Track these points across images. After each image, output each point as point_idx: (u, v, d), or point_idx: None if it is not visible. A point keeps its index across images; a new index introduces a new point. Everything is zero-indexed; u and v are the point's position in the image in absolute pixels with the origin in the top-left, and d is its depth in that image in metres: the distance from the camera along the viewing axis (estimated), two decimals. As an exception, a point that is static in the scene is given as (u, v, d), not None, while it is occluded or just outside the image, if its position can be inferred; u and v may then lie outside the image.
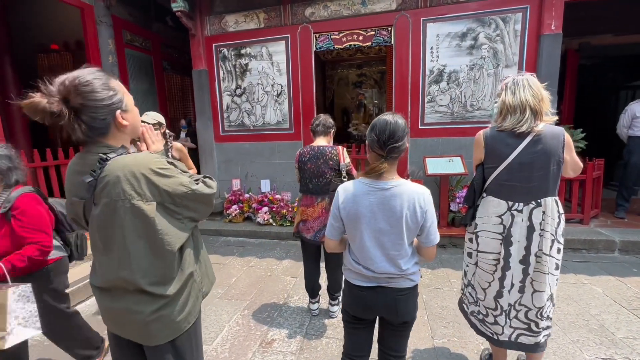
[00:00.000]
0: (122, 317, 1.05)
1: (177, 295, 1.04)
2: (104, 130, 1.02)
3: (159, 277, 1.01)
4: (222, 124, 4.97)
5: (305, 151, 2.36)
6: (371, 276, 1.31)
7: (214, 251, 4.04)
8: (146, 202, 0.96)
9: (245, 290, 3.02)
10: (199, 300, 1.16)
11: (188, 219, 1.09)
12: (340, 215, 1.32)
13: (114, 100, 1.00)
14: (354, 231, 1.31)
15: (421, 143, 4.24)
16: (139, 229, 0.97)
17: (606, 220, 4.15)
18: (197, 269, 1.16)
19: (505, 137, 1.53)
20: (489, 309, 1.66)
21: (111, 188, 0.94)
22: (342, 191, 1.32)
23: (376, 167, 1.23)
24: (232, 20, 4.64)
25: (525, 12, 3.74)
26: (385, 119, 1.25)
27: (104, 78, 0.99)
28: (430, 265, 3.37)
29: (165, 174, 1.00)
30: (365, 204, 1.26)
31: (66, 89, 0.92)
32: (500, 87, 1.62)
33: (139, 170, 0.96)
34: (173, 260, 1.02)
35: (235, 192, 4.90)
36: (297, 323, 2.48)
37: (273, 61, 4.60)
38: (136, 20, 5.29)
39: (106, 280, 1.02)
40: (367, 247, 1.28)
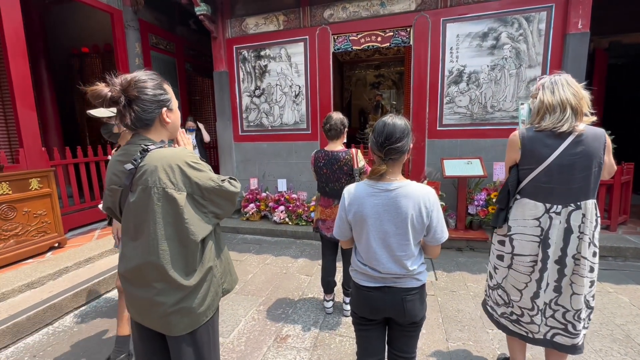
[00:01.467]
0: (146, 307, 1.12)
1: (197, 287, 1.10)
2: (149, 123, 1.13)
3: (182, 265, 1.08)
4: (241, 124, 5.09)
5: (320, 156, 2.38)
6: (377, 276, 1.31)
7: (232, 248, 4.15)
8: (178, 191, 1.05)
9: (261, 286, 3.09)
10: (219, 295, 1.22)
11: (212, 213, 1.16)
12: (347, 217, 1.34)
13: (162, 98, 1.14)
14: (360, 232, 1.33)
15: (439, 144, 4.19)
16: (169, 216, 1.05)
17: (635, 227, 3.96)
18: (218, 264, 1.22)
19: (544, 137, 1.48)
20: (525, 309, 1.61)
21: (149, 176, 1.03)
22: (347, 194, 1.34)
23: (375, 169, 1.25)
24: (253, 22, 4.75)
25: (550, 11, 3.63)
26: (384, 120, 1.26)
27: (158, 80, 1.15)
28: (447, 268, 3.32)
29: (197, 168, 1.10)
30: (370, 205, 1.27)
31: (127, 82, 1.07)
32: (536, 87, 1.59)
33: (174, 161, 1.05)
34: (196, 250, 1.09)
35: (252, 191, 5.00)
36: (312, 320, 2.52)
37: (292, 62, 4.67)
38: (161, 24, 5.51)
39: (134, 266, 1.09)
40: (373, 248, 1.29)
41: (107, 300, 2.92)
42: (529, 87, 3.82)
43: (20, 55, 3.38)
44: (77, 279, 2.97)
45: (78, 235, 4.02)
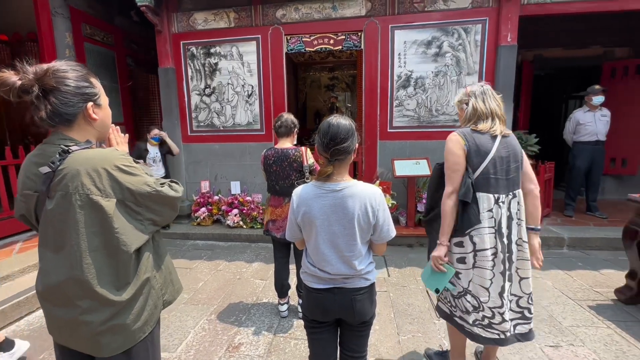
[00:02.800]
0: (70, 328, 0.99)
1: (131, 302, 1.00)
2: (70, 118, 1.00)
3: (112, 279, 0.97)
4: (190, 124, 4.82)
5: (270, 153, 2.36)
6: (327, 278, 1.31)
7: (181, 255, 3.90)
8: (105, 198, 0.94)
9: (213, 294, 2.94)
10: (158, 308, 1.12)
11: (149, 221, 1.06)
12: (296, 219, 1.33)
13: (88, 92, 1.02)
14: (309, 234, 1.33)
15: (390, 146, 4.37)
16: (95, 225, 0.94)
17: (557, 218, 4.49)
18: (157, 275, 1.12)
19: (481, 135, 1.61)
20: (495, 308, 1.60)
21: (69, 181, 0.91)
22: (295, 196, 1.33)
23: (322, 171, 1.25)
24: (201, 18, 4.53)
25: (484, 24, 3.98)
26: (328, 121, 1.26)
27: (83, 72, 1.03)
28: (398, 264, 3.47)
29: (129, 172, 0.99)
30: (318, 207, 1.26)
31: (43, 70, 0.94)
32: (465, 93, 1.70)
33: (101, 165, 0.94)
34: (128, 262, 0.98)
35: (204, 194, 4.76)
36: (266, 325, 2.46)
37: (244, 61, 4.54)
38: (97, 14, 5.02)
39: (55, 283, 0.95)
40: (322, 250, 1.29)
41: (29, 323, 2.57)
42: (468, 93, 4.14)
43: None
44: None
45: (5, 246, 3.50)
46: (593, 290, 2.84)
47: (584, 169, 4.47)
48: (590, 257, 3.57)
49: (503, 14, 3.87)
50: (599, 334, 2.25)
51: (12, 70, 0.92)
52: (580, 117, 4.45)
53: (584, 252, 3.71)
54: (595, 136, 4.38)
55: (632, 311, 2.50)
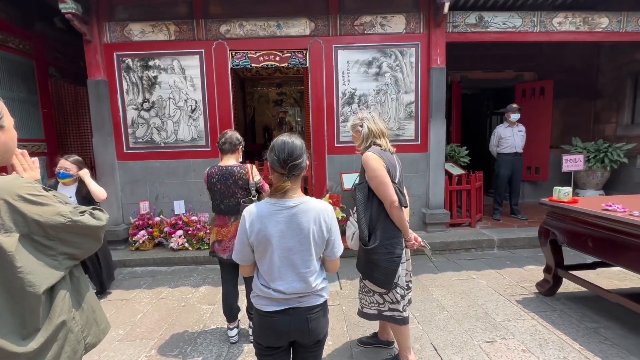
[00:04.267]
0: None
1: (42, 351, 0.87)
2: None
3: (15, 327, 0.83)
4: (126, 141, 4.45)
5: (214, 171, 2.28)
6: (281, 298, 1.28)
7: (116, 286, 3.51)
8: (4, 234, 0.81)
9: (153, 326, 2.68)
10: (78, 354, 0.99)
11: (64, 255, 0.94)
12: (249, 239, 1.28)
13: None
14: (263, 253, 1.29)
15: (338, 160, 4.50)
16: None
17: (487, 222, 4.98)
18: (77, 316, 0.99)
19: (386, 152, 1.93)
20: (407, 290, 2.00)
21: None
22: (247, 215, 1.29)
23: (280, 186, 1.26)
24: (138, 29, 4.28)
25: (417, 48, 4.37)
26: (283, 139, 1.30)
27: None
28: (350, 275, 3.53)
29: (36, 201, 0.87)
30: (273, 224, 1.26)
31: None
32: (357, 117, 2.03)
33: (0, 195, 0.80)
34: (37, 305, 0.86)
35: (143, 216, 4.39)
36: (214, 355, 2.30)
37: (186, 75, 4.37)
38: (11, 18, 4.47)
39: None
40: (277, 268, 1.27)
41: None
42: (407, 109, 4.48)
43: None
44: None
45: None
46: (519, 286, 3.17)
47: (507, 176, 5.06)
48: (516, 256, 4.00)
49: (432, 40, 4.29)
50: (526, 325, 2.50)
51: None
52: (501, 132, 5.06)
53: (511, 252, 4.15)
54: (514, 148, 4.99)
55: (550, 301, 2.84)
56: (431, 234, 4.42)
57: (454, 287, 3.18)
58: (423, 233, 4.46)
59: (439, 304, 2.88)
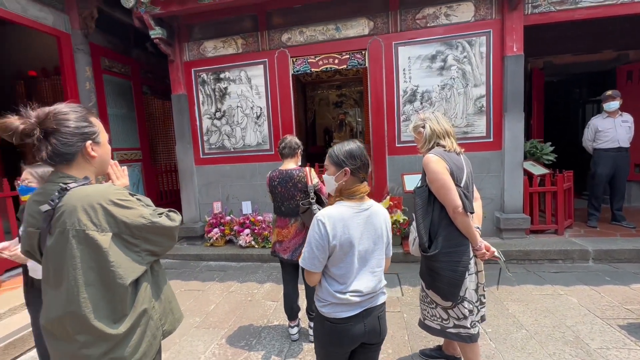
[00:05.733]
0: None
1: (128, 335, 1.01)
2: (70, 157, 1.04)
3: (108, 312, 0.98)
4: (202, 147, 4.96)
5: (275, 175, 2.39)
6: (358, 301, 1.30)
7: (194, 277, 3.93)
8: (101, 233, 0.96)
9: (224, 317, 2.93)
10: (157, 339, 1.12)
11: (147, 252, 1.08)
12: (330, 244, 1.26)
13: (87, 131, 1.06)
14: (343, 257, 1.29)
15: (399, 160, 4.33)
16: (91, 260, 0.96)
17: (580, 229, 4.27)
18: (156, 306, 1.12)
19: (451, 153, 1.80)
20: (475, 303, 1.81)
21: (67, 217, 0.94)
22: (326, 219, 1.26)
23: (360, 189, 1.32)
24: (211, 46, 4.74)
25: (488, 36, 3.97)
26: (357, 145, 1.37)
27: (82, 112, 1.06)
28: (412, 282, 3.36)
29: (124, 205, 1.01)
30: (354, 226, 1.29)
31: (44, 114, 0.99)
32: (418, 118, 1.92)
33: (97, 200, 0.97)
34: (125, 295, 1.00)
35: (216, 215, 4.83)
36: (276, 350, 2.41)
37: (252, 84, 4.68)
38: (115, 47, 5.33)
39: (54, 318, 0.98)
40: (356, 269, 1.31)
41: None
42: (477, 103, 4.10)
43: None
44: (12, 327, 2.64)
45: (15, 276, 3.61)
46: (623, 308, 2.65)
47: (606, 176, 4.27)
48: (619, 271, 3.35)
49: (507, 25, 3.85)
50: (632, 357, 2.08)
51: (15, 115, 0.97)
52: (599, 124, 4.29)
53: (612, 266, 3.49)
54: (616, 142, 4.19)
55: (668, 331, 2.31)
56: (507, 240, 3.96)
57: (535, 303, 2.80)
58: (497, 240, 4.03)
59: (515, 321, 2.56)
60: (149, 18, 4.25)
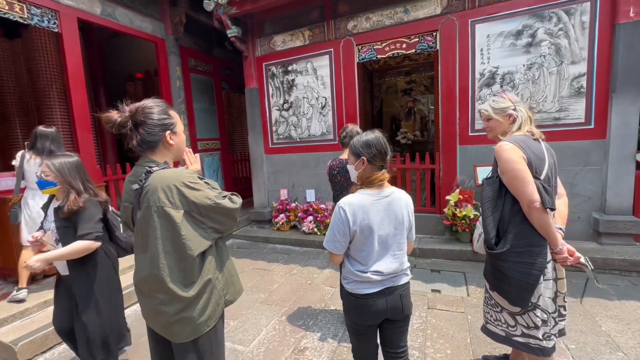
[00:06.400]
0: (153, 315, 1.21)
1: (196, 298, 1.17)
2: (153, 145, 1.23)
3: (181, 278, 1.15)
4: (271, 137, 5.28)
5: (335, 164, 2.42)
6: (380, 280, 1.41)
7: (262, 257, 4.27)
8: (175, 210, 1.13)
9: (285, 296, 3.13)
10: (220, 306, 1.27)
11: (212, 229, 1.23)
12: (350, 229, 1.38)
13: (167, 122, 1.24)
14: (364, 241, 1.40)
15: (472, 151, 3.97)
16: (168, 232, 1.13)
17: None
18: (219, 277, 1.27)
19: (531, 140, 1.58)
20: (552, 314, 1.59)
21: (150, 195, 1.13)
22: (346, 206, 1.38)
23: (379, 177, 1.40)
24: (280, 40, 4.95)
25: (594, 2, 3.31)
26: (375, 136, 1.44)
27: (163, 106, 1.26)
28: (481, 283, 3.10)
29: (194, 187, 1.16)
30: (374, 213, 1.38)
31: (135, 108, 1.19)
32: (508, 100, 1.66)
33: (172, 182, 1.14)
34: (193, 264, 1.15)
35: (282, 201, 5.12)
36: (331, 333, 2.49)
37: (317, 75, 4.77)
38: (199, 48, 5.96)
39: (142, 278, 1.19)
40: (376, 252, 1.41)
41: (146, 304, 3.15)
42: (574, 84, 3.49)
43: (79, 86, 3.88)
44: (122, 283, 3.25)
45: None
46: None
47: None
48: None
49: (621, -15, 3.15)
50: None
51: (115, 110, 1.18)
52: None
53: None
54: None
55: None
56: (607, 247, 3.34)
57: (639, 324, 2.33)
58: (593, 245, 3.43)
59: (609, 341, 2.18)
60: (226, 18, 4.63)
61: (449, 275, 3.37)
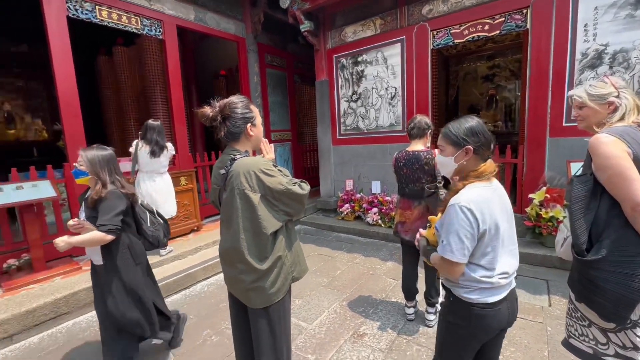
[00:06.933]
0: (233, 282, 1.41)
1: (268, 271, 1.33)
2: (237, 136, 1.42)
3: (256, 252, 1.32)
4: (339, 129, 5.38)
5: (401, 156, 2.38)
6: (507, 282, 1.26)
7: (326, 245, 4.45)
8: (253, 193, 1.29)
9: (347, 283, 3.24)
10: (288, 281, 1.42)
11: (283, 212, 1.37)
12: (480, 231, 1.18)
13: (248, 116, 1.41)
14: (489, 242, 1.22)
15: (565, 144, 3.46)
16: (247, 212, 1.31)
17: None
18: (288, 255, 1.42)
19: (635, 131, 1.36)
20: None
21: (234, 179, 1.31)
22: (472, 204, 1.17)
23: (491, 168, 1.26)
24: (351, 31, 4.96)
25: None
26: (477, 121, 1.28)
27: (245, 102, 1.43)
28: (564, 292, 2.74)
29: (269, 174, 1.32)
30: (495, 207, 1.22)
31: (223, 104, 1.39)
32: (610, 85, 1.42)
33: (252, 168, 1.30)
34: (267, 241, 1.31)
35: (348, 192, 5.22)
36: (391, 323, 2.52)
37: (388, 65, 4.67)
38: (275, 44, 6.33)
39: (225, 249, 1.39)
40: (502, 251, 1.25)
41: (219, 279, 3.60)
42: None
43: (177, 84, 4.51)
44: (208, 255, 3.76)
45: (210, 222, 5.05)
46: None
47: None
48: None
49: None
50: None
51: (207, 106, 1.39)
52: None
53: None
54: None
55: None
56: None
57: None
58: None
59: None
60: (300, 14, 4.82)
61: (529, 281, 3.06)
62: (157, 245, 2.09)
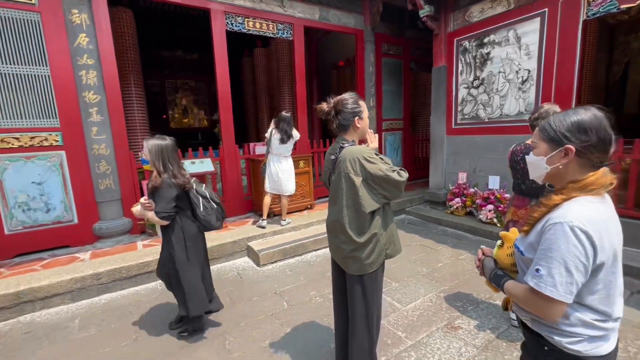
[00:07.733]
0: (335, 249, 1.71)
1: (365, 244, 1.56)
2: (346, 128, 1.68)
3: (356, 227, 1.57)
4: (455, 117, 5.05)
5: (519, 149, 2.20)
6: (615, 326, 0.97)
7: (430, 237, 4.38)
8: (357, 176, 1.54)
9: (447, 277, 3.19)
10: (382, 256, 1.62)
11: (381, 195, 1.57)
12: (597, 262, 0.89)
13: (356, 110, 1.65)
14: (605, 276, 0.92)
15: None
16: (350, 192, 1.56)
17: None
18: (383, 233, 1.61)
19: None
20: None
21: (341, 164, 1.58)
22: (589, 227, 0.87)
23: (606, 179, 0.93)
24: (477, 9, 4.52)
25: None
26: (592, 114, 0.92)
27: (355, 98, 1.67)
28: None
29: (371, 161, 1.54)
30: (613, 230, 0.93)
31: (337, 101, 1.66)
32: None
33: (356, 156, 1.55)
34: (365, 219, 1.54)
35: (460, 185, 4.91)
36: (491, 324, 2.41)
37: (521, 44, 4.08)
38: (391, 32, 6.30)
39: (331, 221, 1.70)
40: (620, 284, 0.96)
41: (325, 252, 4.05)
42: None
43: (301, 79, 5.13)
44: (318, 231, 4.29)
45: (321, 203, 5.62)
46: None
47: None
48: None
49: None
50: None
51: (324, 102, 1.68)
52: None
53: None
54: None
55: None
56: None
57: None
58: None
59: None
60: (420, 0, 4.68)
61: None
62: (209, 228, 2.24)
